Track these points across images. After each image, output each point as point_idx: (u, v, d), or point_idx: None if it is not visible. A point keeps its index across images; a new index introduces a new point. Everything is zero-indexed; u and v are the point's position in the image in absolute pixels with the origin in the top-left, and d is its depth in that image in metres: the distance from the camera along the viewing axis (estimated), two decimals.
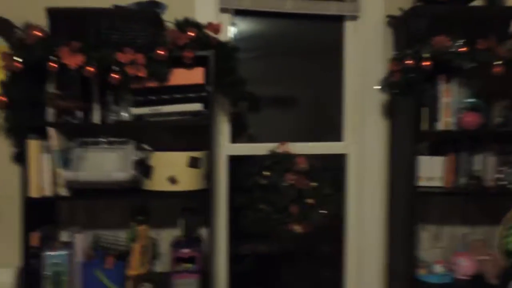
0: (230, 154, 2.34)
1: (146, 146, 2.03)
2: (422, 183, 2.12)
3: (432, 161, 2.13)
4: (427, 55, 1.84)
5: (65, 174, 1.91)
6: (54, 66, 1.80)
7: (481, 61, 1.84)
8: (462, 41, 1.83)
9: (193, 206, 2.19)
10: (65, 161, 1.95)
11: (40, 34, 1.83)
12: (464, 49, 1.82)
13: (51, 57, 1.80)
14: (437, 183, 2.13)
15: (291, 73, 2.42)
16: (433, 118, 2.04)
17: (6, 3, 2.15)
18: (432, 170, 2.13)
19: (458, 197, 2.34)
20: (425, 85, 2.02)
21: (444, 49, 1.83)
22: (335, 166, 2.42)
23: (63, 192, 1.95)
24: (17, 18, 2.09)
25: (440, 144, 2.16)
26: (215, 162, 2.22)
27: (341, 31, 2.37)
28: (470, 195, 2.27)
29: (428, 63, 1.84)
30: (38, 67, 1.86)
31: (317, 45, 2.41)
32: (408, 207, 2.04)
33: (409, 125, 2.01)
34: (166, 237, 2.24)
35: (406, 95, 1.99)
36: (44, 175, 1.92)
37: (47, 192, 1.93)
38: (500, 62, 1.83)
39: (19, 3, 2.15)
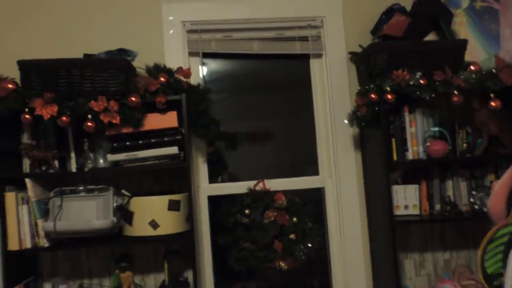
0: (210, 195, 2.36)
1: (125, 192, 2.04)
2: (399, 212, 2.16)
3: (406, 190, 2.18)
4: (388, 88, 1.93)
5: (44, 225, 1.90)
6: (28, 118, 1.84)
7: (440, 92, 1.93)
8: (420, 73, 1.93)
9: (176, 249, 2.19)
10: (44, 212, 1.96)
11: (12, 86, 1.87)
12: (423, 81, 1.91)
13: (25, 109, 1.84)
14: (413, 211, 2.17)
15: (263, 110, 2.49)
16: (403, 148, 2.11)
17: None
18: (407, 199, 2.18)
19: (436, 224, 2.38)
20: (390, 116, 2.10)
21: (404, 82, 1.92)
22: (314, 198, 2.46)
23: (44, 243, 1.94)
24: None
25: (412, 172, 2.22)
26: (195, 203, 2.24)
27: (308, 68, 2.46)
28: (446, 221, 2.32)
29: (390, 96, 1.93)
30: (12, 119, 1.90)
31: (286, 82, 2.49)
32: (389, 237, 2.06)
33: (381, 156, 2.07)
34: (151, 282, 2.23)
35: (374, 128, 2.07)
36: (23, 227, 1.92)
37: (27, 244, 1.93)
38: (457, 92, 1.93)
39: None
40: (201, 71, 2.39)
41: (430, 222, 2.33)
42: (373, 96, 1.98)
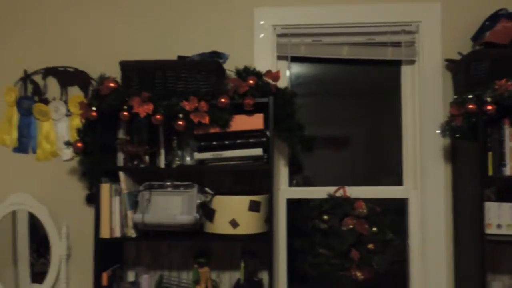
0: (289, 198, 2.36)
1: (208, 190, 2.09)
2: (490, 230, 2.02)
3: (500, 208, 2.03)
4: (489, 99, 1.81)
5: (134, 217, 2.01)
6: (126, 115, 1.95)
7: None
8: None
9: (253, 250, 2.21)
10: (133, 204, 2.06)
11: (113, 85, 1.99)
12: None
13: (123, 107, 1.96)
14: (507, 231, 2.02)
15: (348, 115, 2.44)
16: (499, 163, 1.97)
17: (83, 57, 2.38)
18: (501, 217, 2.03)
19: None
20: (488, 129, 1.97)
21: (508, 93, 1.79)
22: (395, 209, 2.37)
23: (131, 233, 2.05)
24: (93, 70, 2.32)
25: (509, 189, 2.06)
26: (275, 205, 2.25)
27: (398, 75, 2.38)
28: None
29: (491, 107, 1.80)
30: (111, 115, 2.02)
31: (373, 88, 2.43)
32: (477, 256, 1.94)
33: (475, 170, 1.95)
34: (226, 280, 2.27)
35: (469, 140, 1.95)
36: (115, 217, 2.04)
37: (117, 233, 2.04)
38: None
39: (95, 57, 2.37)
40: (289, 74, 2.39)
41: None
42: (471, 106, 1.86)
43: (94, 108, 1.99)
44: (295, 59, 2.38)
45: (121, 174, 2.05)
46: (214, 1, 2.35)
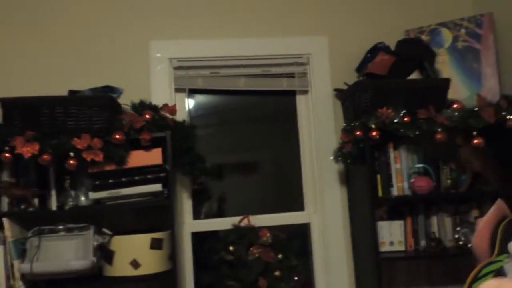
0: (193, 231, 2.32)
1: (106, 231, 1.98)
2: (384, 248, 2.15)
3: (391, 226, 2.17)
4: (373, 126, 1.95)
5: (20, 267, 1.83)
6: (8, 156, 1.80)
7: (424, 130, 1.96)
8: (404, 112, 1.95)
9: None
10: (20, 252, 1.89)
11: None
12: (407, 119, 1.94)
13: (5, 148, 1.80)
14: (399, 247, 2.16)
15: (249, 144, 2.49)
16: (388, 184, 2.11)
17: None
18: (392, 235, 2.17)
19: (421, 260, 2.37)
20: (375, 152, 2.11)
21: (389, 120, 1.94)
22: (300, 233, 2.43)
23: (19, 285, 1.86)
24: None
25: (397, 208, 2.22)
26: (179, 241, 2.19)
27: (294, 104, 2.48)
28: (432, 257, 2.31)
29: (375, 133, 1.94)
30: None
31: (272, 116, 2.51)
32: (374, 273, 2.05)
33: (366, 192, 2.07)
34: None
35: (360, 164, 2.07)
36: None
37: (2, 286, 1.85)
38: (441, 130, 1.95)
39: None
40: (187, 106, 2.38)
41: (416, 258, 2.31)
42: (358, 133, 1.99)
43: None
44: (193, 91, 2.39)
45: (5, 221, 1.87)
46: (108, 34, 2.29)
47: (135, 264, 1.93)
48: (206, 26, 2.35)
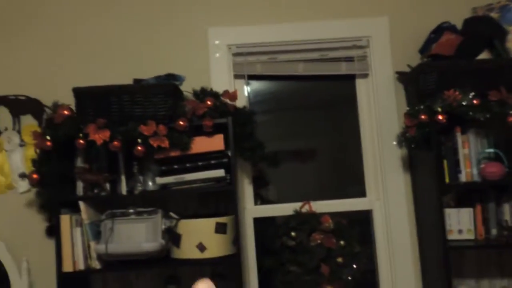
0: (255, 217, 2.36)
1: (173, 215, 2.06)
2: (452, 236, 2.07)
3: (460, 213, 2.09)
4: (440, 109, 1.87)
5: (96, 247, 1.95)
6: (82, 143, 1.91)
7: (495, 112, 1.85)
8: (473, 94, 1.86)
9: (223, 272, 2.18)
10: (96, 234, 2.01)
11: (67, 113, 1.94)
12: (476, 101, 1.84)
13: (79, 134, 1.91)
14: (468, 236, 2.08)
15: (308, 130, 2.47)
16: (455, 170, 2.03)
17: (35, 84, 2.31)
18: (461, 223, 2.09)
19: (492, 249, 2.26)
20: (442, 137, 2.03)
21: (456, 102, 1.86)
22: (361, 219, 2.40)
23: (96, 265, 1.98)
24: (46, 98, 2.26)
25: (466, 195, 2.13)
26: (241, 226, 2.23)
27: (354, 88, 2.43)
28: (504, 247, 2.19)
29: (442, 117, 1.87)
30: (67, 144, 1.97)
31: (331, 101, 2.48)
32: (442, 262, 1.98)
33: (432, 178, 2.00)
34: None
35: (425, 149, 2.00)
36: (77, 249, 1.98)
37: (80, 265, 1.98)
38: None
39: (47, 84, 2.31)
40: (247, 93, 2.41)
41: (486, 247, 2.21)
42: (423, 117, 1.92)
43: (48, 138, 1.93)
44: (252, 77, 2.40)
45: (81, 204, 1.99)
46: (167, 22, 2.35)
47: (201, 247, 1.99)
48: (263, 12, 2.35)
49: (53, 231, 2.07)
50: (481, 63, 2.00)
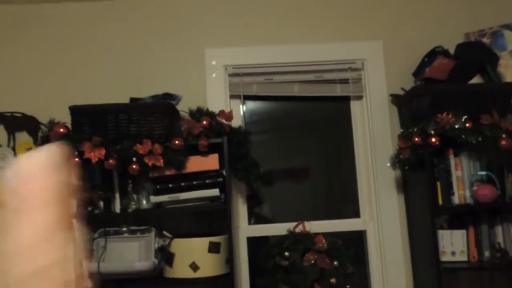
0: (249, 236, 2.35)
1: (166, 233, 2.05)
2: (445, 258, 2.08)
3: (453, 235, 2.10)
4: (433, 132, 1.90)
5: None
6: (77, 161, 1.91)
7: (487, 136, 1.88)
8: (465, 117, 1.89)
9: None
10: (88, 252, 1.99)
11: (63, 130, 1.95)
12: (469, 124, 1.87)
13: (74, 153, 1.91)
14: (461, 258, 2.08)
15: (303, 150, 2.48)
16: (448, 192, 2.05)
17: (31, 102, 2.32)
18: (454, 244, 2.10)
19: (485, 272, 2.26)
20: (435, 159, 2.05)
21: (449, 125, 1.89)
22: (355, 239, 2.40)
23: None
24: (42, 115, 2.25)
25: (459, 217, 2.14)
26: (235, 245, 2.22)
27: (348, 110, 2.46)
28: (496, 269, 2.20)
29: (435, 139, 1.89)
30: None
31: (326, 122, 2.50)
32: (435, 283, 1.98)
33: (425, 200, 2.01)
34: None
35: (418, 171, 2.02)
36: None
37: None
38: (506, 136, 1.87)
39: (43, 102, 2.32)
40: (242, 113, 2.43)
41: (479, 269, 2.22)
42: (416, 139, 1.95)
43: None
44: (248, 97, 2.42)
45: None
46: (165, 43, 2.38)
47: (194, 266, 1.98)
48: (259, 33, 2.39)
49: None
50: (473, 88, 2.04)
